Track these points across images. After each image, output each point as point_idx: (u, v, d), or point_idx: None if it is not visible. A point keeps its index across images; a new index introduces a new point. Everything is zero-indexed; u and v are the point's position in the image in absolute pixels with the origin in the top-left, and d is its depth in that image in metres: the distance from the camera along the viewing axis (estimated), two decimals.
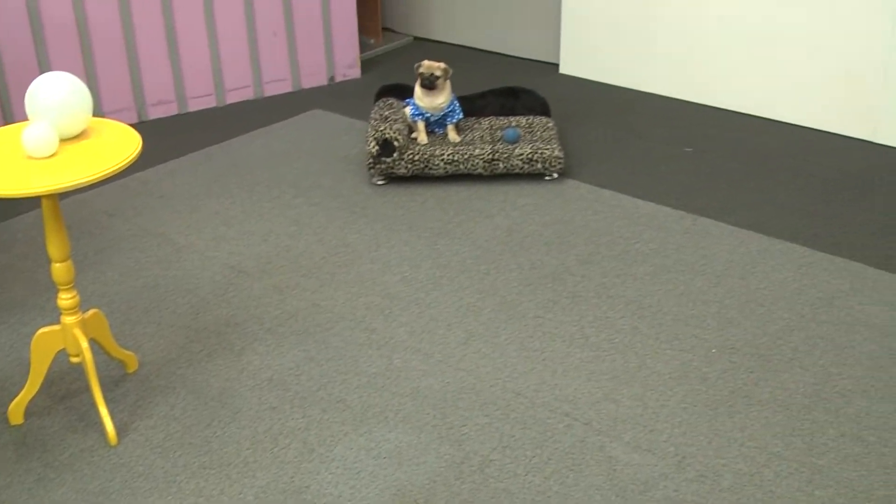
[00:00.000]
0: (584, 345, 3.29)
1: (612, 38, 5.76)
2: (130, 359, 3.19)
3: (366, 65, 6.36)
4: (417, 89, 4.56)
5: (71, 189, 2.47)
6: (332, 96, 5.80)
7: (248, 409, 3.02)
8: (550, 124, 4.69)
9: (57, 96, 2.63)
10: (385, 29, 7.10)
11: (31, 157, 2.60)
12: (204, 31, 5.48)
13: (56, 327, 2.89)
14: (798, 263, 3.77)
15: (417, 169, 4.44)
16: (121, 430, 2.94)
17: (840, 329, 3.35)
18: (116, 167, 2.55)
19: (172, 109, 5.52)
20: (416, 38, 6.98)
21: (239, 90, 5.72)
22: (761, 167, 4.67)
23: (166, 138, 5.19)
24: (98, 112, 5.26)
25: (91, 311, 2.98)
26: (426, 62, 4.51)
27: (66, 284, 2.82)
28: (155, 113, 5.47)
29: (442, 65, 4.50)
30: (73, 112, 2.65)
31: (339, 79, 6.08)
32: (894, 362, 3.17)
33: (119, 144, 2.69)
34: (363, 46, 6.61)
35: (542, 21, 6.24)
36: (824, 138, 5.01)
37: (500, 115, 4.87)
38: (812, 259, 3.80)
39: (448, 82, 4.57)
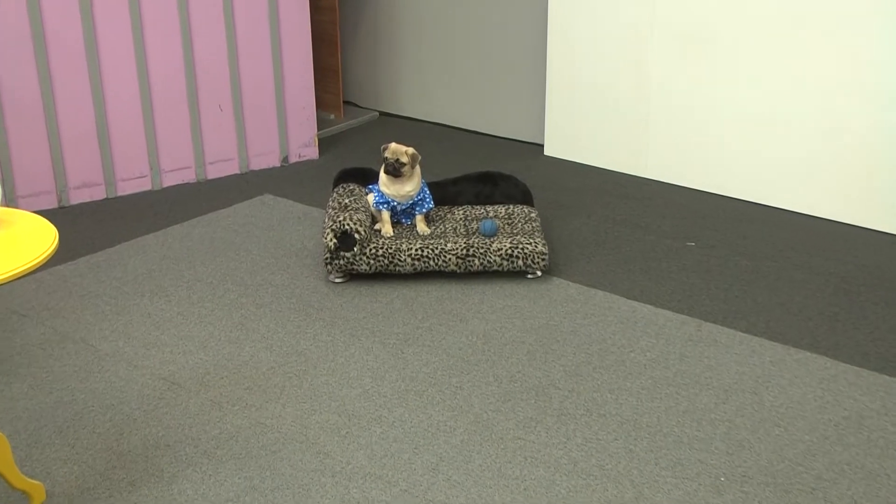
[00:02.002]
0: (572, 471, 3.24)
1: (603, 116, 5.82)
2: (36, 490, 3.10)
3: (324, 144, 6.38)
4: (382, 174, 4.57)
5: None
6: (286, 180, 5.80)
7: None
8: (533, 215, 4.70)
9: None
10: (347, 103, 7.16)
11: None
12: (137, 102, 5.48)
13: None
14: (819, 377, 3.75)
15: (381, 265, 4.42)
16: None
17: (871, 454, 3.31)
18: (26, 267, 2.51)
19: (99, 193, 5.50)
20: (381, 114, 7.03)
21: (177, 171, 5.72)
22: (774, 264, 4.68)
23: (91, 227, 5.15)
24: (11, 196, 5.23)
25: None
26: (393, 145, 4.53)
27: None
28: (78, 197, 5.45)
29: (410, 150, 4.51)
30: None
31: (293, 160, 6.09)
32: None
33: (31, 239, 2.65)
34: (321, 123, 6.64)
35: (525, 96, 6.31)
36: (843, 231, 5.04)
37: (476, 203, 4.87)
38: (835, 371, 3.78)
39: (417, 168, 4.58)
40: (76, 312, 4.28)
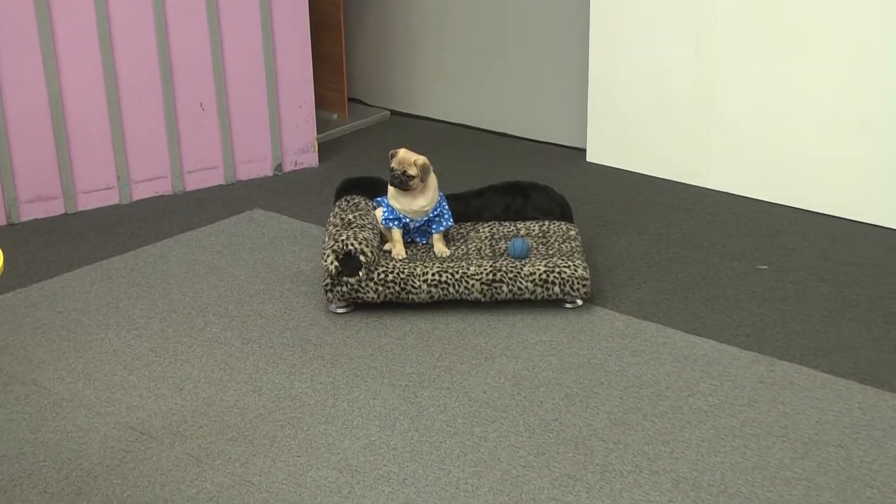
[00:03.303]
0: None
1: (657, 116, 5.81)
2: None
3: (325, 149, 6.40)
4: (391, 186, 4.56)
5: None
6: (279, 192, 5.81)
7: None
8: (572, 233, 4.70)
9: None
10: (353, 101, 7.17)
11: None
12: (102, 98, 5.50)
13: None
14: None
15: (392, 292, 4.42)
16: None
17: None
18: None
19: (56, 208, 5.52)
20: (393, 114, 7.05)
21: (151, 182, 5.73)
22: (864, 291, 4.66)
23: (46, 248, 5.17)
24: None
25: None
26: (401, 153, 4.52)
27: None
28: (31, 212, 5.47)
29: (420, 159, 4.50)
30: None
31: (288, 168, 6.10)
32: None
33: None
34: (322, 124, 6.66)
35: (564, 93, 6.31)
36: None
37: (505, 219, 4.88)
38: None
39: (433, 178, 4.57)
40: (26, 349, 4.29)
